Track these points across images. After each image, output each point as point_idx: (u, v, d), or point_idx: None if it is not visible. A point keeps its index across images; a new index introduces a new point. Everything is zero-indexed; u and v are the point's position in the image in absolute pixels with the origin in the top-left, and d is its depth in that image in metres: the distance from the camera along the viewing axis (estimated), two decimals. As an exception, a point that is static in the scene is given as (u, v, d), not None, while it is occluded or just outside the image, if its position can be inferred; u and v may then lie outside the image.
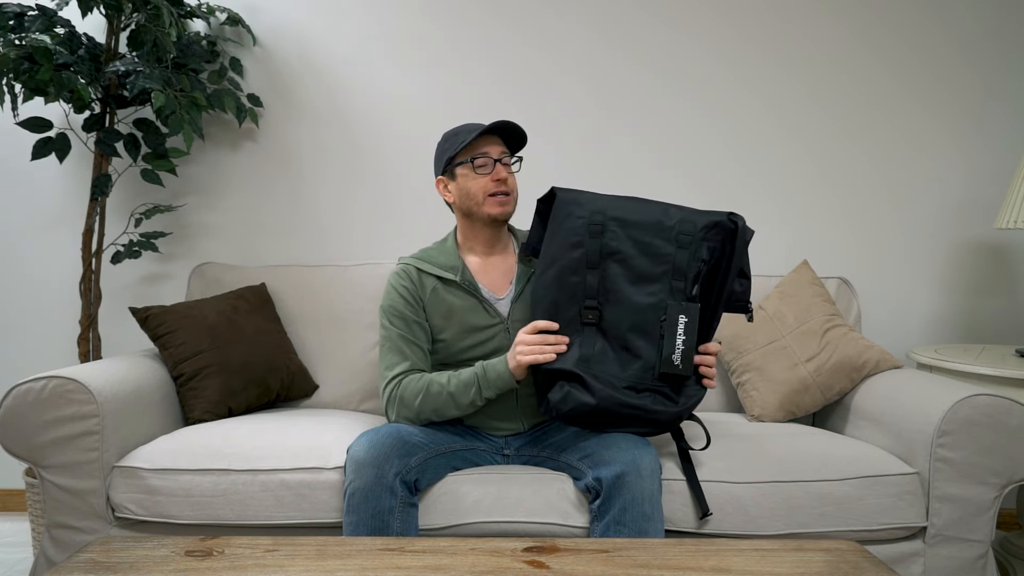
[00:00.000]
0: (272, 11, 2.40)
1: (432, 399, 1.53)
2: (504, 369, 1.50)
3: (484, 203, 1.60)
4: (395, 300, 1.62)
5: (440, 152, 1.66)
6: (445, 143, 1.65)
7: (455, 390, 1.53)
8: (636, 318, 1.43)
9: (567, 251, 1.46)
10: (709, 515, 1.47)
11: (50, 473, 1.58)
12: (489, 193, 1.59)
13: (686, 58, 2.38)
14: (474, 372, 1.53)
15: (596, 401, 1.42)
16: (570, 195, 1.49)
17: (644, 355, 1.43)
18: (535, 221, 1.56)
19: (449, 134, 1.65)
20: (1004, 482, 1.54)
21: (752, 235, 1.43)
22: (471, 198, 1.61)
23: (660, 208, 1.46)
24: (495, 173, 1.59)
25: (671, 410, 1.43)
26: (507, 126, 1.60)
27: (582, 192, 1.50)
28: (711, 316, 1.45)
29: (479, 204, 1.61)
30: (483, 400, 1.53)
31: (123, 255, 2.20)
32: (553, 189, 1.51)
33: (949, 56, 2.35)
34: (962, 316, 2.40)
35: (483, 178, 1.60)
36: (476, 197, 1.60)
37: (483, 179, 1.60)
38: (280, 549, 1.14)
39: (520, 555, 1.12)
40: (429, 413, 1.55)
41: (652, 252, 1.44)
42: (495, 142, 1.63)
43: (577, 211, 1.47)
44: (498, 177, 1.59)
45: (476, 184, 1.60)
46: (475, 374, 1.53)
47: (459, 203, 1.64)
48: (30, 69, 1.94)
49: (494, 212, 1.60)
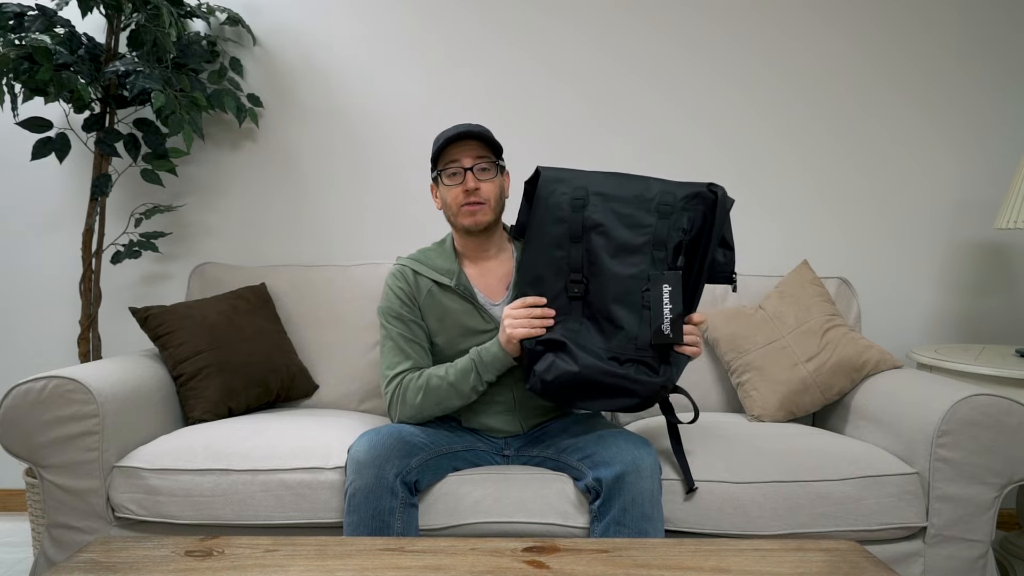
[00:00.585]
0: (272, 11, 2.40)
1: (433, 392, 1.54)
2: (498, 349, 1.50)
3: (458, 213, 1.58)
4: (392, 301, 1.62)
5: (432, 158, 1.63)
6: (432, 148, 1.60)
7: (455, 379, 1.53)
8: (618, 289, 1.43)
9: (551, 226, 1.46)
10: (694, 489, 1.47)
11: (50, 473, 1.58)
12: (460, 204, 1.56)
13: (682, 60, 2.38)
14: (470, 358, 1.53)
15: (579, 368, 1.40)
16: (554, 173, 1.49)
17: (626, 326, 1.42)
18: (523, 202, 1.54)
19: (437, 136, 1.62)
20: (1004, 482, 1.54)
21: (732, 204, 1.43)
22: (448, 208, 1.60)
23: (641, 182, 1.47)
24: (465, 183, 1.55)
25: (654, 380, 1.42)
26: (469, 131, 1.53)
27: (566, 170, 1.50)
28: (694, 285, 1.44)
29: (454, 215, 1.59)
30: (484, 384, 1.54)
31: (123, 255, 2.20)
32: (538, 168, 1.51)
33: (949, 56, 2.35)
34: (962, 316, 2.40)
35: (455, 188, 1.57)
36: (451, 208, 1.59)
37: (455, 189, 1.57)
38: (280, 549, 1.14)
39: (520, 555, 1.12)
40: (432, 407, 1.55)
41: (633, 223, 1.44)
42: (470, 149, 1.56)
43: (560, 188, 1.47)
44: (467, 187, 1.55)
45: (450, 194, 1.58)
46: (472, 360, 1.53)
47: (443, 211, 1.63)
48: (30, 69, 1.94)
49: (466, 223, 1.58)
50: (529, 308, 1.45)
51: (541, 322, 1.44)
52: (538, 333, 1.44)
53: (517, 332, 1.44)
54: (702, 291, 1.47)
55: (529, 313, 1.45)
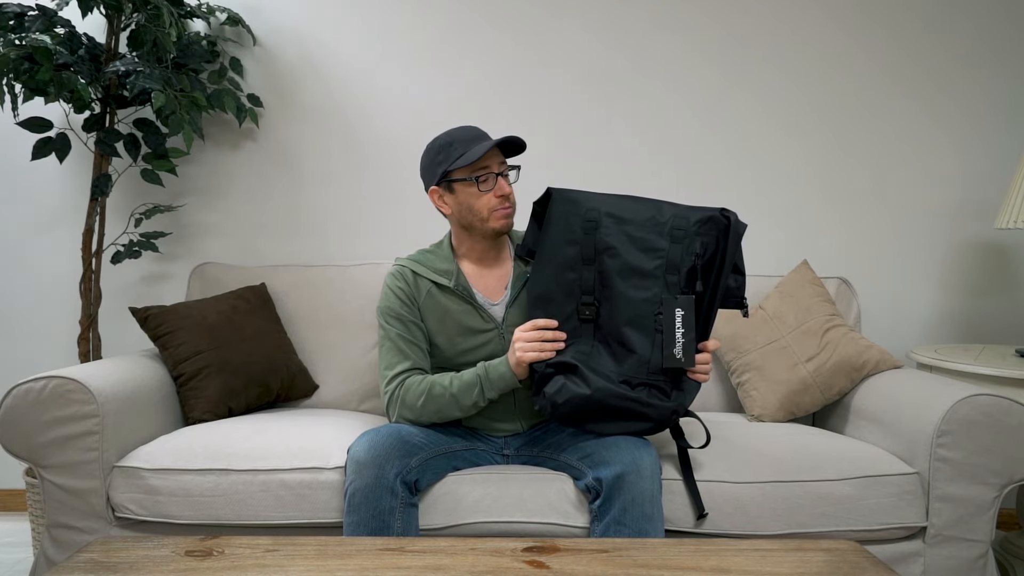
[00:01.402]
0: (272, 11, 2.40)
1: (434, 400, 1.53)
2: (506, 369, 1.50)
3: (489, 219, 1.57)
4: (391, 301, 1.62)
5: (431, 162, 1.59)
6: (438, 154, 1.57)
7: (457, 391, 1.52)
8: (631, 312, 1.43)
9: (563, 248, 1.47)
10: (704, 515, 1.47)
11: (50, 473, 1.58)
12: (494, 208, 1.56)
13: (684, 59, 2.38)
14: (476, 373, 1.53)
15: (591, 391, 1.41)
16: (565, 194, 1.50)
17: (639, 349, 1.43)
18: (531, 223, 1.55)
19: (441, 144, 1.57)
20: (1004, 482, 1.54)
21: (745, 229, 1.44)
22: (474, 214, 1.57)
23: (654, 205, 1.47)
24: (498, 188, 1.55)
25: (665, 404, 1.43)
26: (509, 140, 1.54)
27: (578, 191, 1.51)
28: (707, 311, 1.45)
29: (483, 220, 1.57)
30: (485, 401, 1.53)
31: (123, 255, 2.20)
32: (549, 190, 1.51)
33: (949, 56, 2.35)
34: (962, 316, 2.40)
35: (487, 195, 1.56)
36: (480, 213, 1.57)
37: (487, 195, 1.56)
38: (280, 549, 1.14)
39: (520, 555, 1.12)
40: (431, 415, 1.55)
41: (646, 247, 1.44)
42: (494, 153, 1.57)
43: (572, 209, 1.48)
44: (502, 193, 1.55)
45: (480, 201, 1.56)
46: (477, 375, 1.52)
47: (458, 216, 1.60)
48: (30, 69, 1.94)
49: (499, 226, 1.58)
50: (540, 331, 1.46)
51: (552, 345, 1.45)
52: (548, 356, 1.45)
53: (527, 356, 1.45)
54: (715, 317, 1.48)
55: (540, 336, 1.46)
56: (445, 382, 1.54)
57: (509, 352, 1.50)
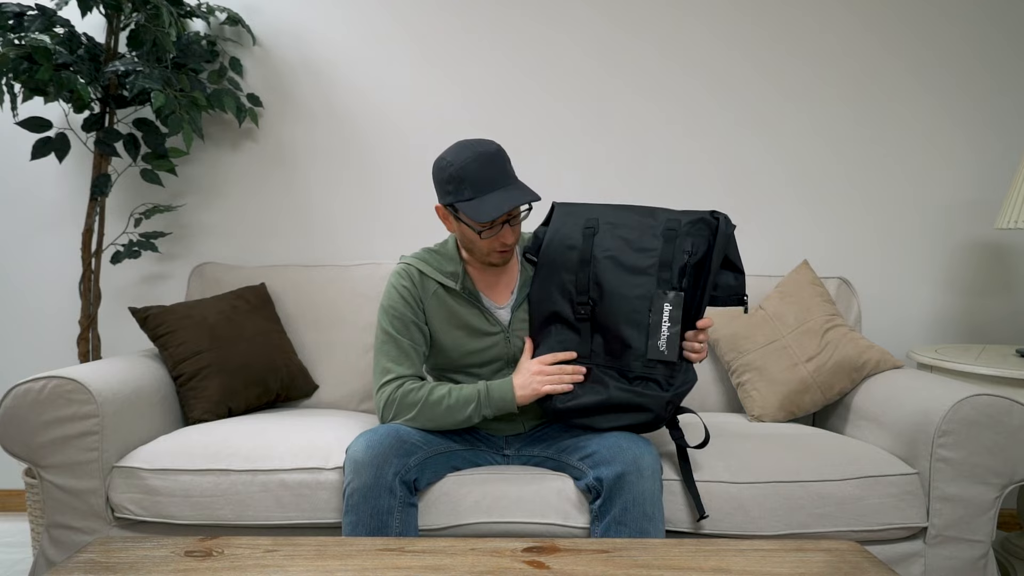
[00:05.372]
0: (272, 11, 2.40)
1: (430, 408, 1.52)
2: (508, 392, 1.51)
3: (488, 255, 1.55)
4: (395, 301, 1.59)
5: (439, 183, 1.50)
6: (447, 183, 1.47)
7: (454, 404, 1.51)
8: (627, 309, 1.49)
9: (562, 253, 1.55)
10: (705, 517, 1.47)
11: (50, 473, 1.58)
12: (495, 249, 1.54)
13: (685, 57, 2.38)
14: (476, 389, 1.52)
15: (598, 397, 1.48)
16: (568, 207, 1.60)
17: (635, 344, 1.48)
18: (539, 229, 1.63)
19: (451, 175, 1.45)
20: (1004, 482, 1.54)
21: (734, 228, 1.51)
22: (474, 247, 1.55)
23: (649, 211, 1.57)
24: (501, 236, 1.51)
25: (661, 395, 1.46)
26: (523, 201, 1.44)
27: (580, 204, 1.60)
28: (698, 307, 1.50)
29: (482, 255, 1.55)
30: (480, 418, 1.53)
31: (123, 255, 2.20)
32: (554, 204, 1.61)
33: (949, 56, 2.35)
34: (962, 316, 2.40)
35: (491, 239, 1.52)
36: (480, 250, 1.55)
37: (491, 240, 1.52)
38: (280, 549, 1.14)
39: (520, 555, 1.12)
40: (424, 422, 1.53)
41: (640, 248, 1.51)
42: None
43: (572, 219, 1.58)
44: (503, 242, 1.51)
45: (481, 242, 1.52)
46: (477, 391, 1.52)
47: (459, 239, 1.58)
48: (30, 69, 1.94)
49: (496, 261, 1.56)
50: (561, 365, 1.50)
51: (571, 378, 1.50)
52: (565, 389, 1.49)
53: (545, 388, 1.48)
54: (705, 309, 1.53)
55: (561, 370, 1.50)
56: (443, 392, 1.52)
57: (520, 380, 1.51)
